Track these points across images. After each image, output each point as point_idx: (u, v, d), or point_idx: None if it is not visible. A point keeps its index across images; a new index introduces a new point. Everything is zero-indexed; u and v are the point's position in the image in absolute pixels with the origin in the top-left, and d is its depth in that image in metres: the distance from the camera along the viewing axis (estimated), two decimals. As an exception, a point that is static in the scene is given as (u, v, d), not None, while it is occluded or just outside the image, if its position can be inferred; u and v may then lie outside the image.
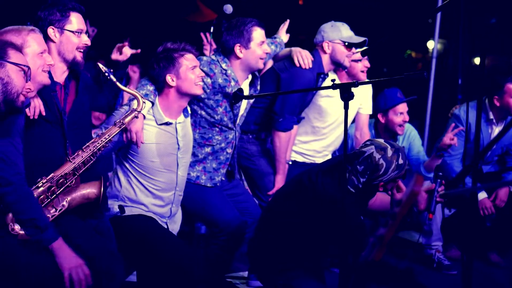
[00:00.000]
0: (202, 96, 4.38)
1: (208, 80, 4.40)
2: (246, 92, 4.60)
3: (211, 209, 4.44)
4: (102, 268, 3.45)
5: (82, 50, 3.70)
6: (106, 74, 3.73)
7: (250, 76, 4.65)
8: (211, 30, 5.56)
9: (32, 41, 3.39)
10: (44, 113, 3.50)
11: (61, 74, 3.70)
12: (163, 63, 4.07)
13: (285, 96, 4.76)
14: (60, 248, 3.27)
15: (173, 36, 4.34)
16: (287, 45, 5.07)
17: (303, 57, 4.79)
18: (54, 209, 3.45)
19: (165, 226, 4.20)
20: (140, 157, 4.07)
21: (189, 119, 4.32)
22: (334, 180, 3.64)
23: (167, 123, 4.12)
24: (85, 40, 3.71)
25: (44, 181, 3.44)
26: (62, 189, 3.49)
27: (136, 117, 3.81)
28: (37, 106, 3.46)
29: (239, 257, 4.94)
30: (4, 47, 3.07)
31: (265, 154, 4.93)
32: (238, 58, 4.50)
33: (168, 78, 4.06)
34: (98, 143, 3.63)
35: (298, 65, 4.79)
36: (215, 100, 4.45)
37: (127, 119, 3.76)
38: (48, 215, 3.40)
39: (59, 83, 3.67)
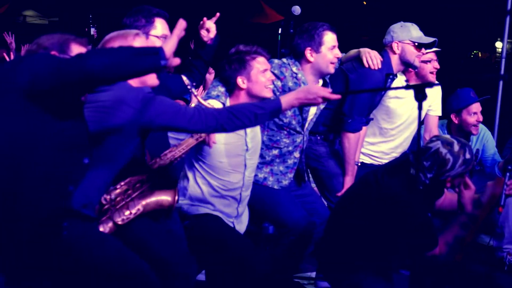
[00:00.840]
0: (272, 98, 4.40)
1: (278, 83, 4.42)
2: None
3: (280, 209, 4.46)
4: (179, 271, 3.50)
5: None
6: (189, 87, 3.76)
7: (320, 81, 4.64)
8: (279, 32, 5.58)
9: (138, 45, 3.39)
10: None
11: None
12: (234, 65, 4.12)
13: (354, 97, 4.75)
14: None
15: (238, 39, 4.38)
16: (352, 46, 5.05)
17: (372, 58, 4.77)
18: (129, 212, 3.48)
19: (232, 226, 4.25)
20: (209, 157, 4.12)
21: None
22: (400, 178, 3.62)
23: None
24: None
25: (122, 183, 3.49)
26: (137, 192, 3.54)
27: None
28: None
29: (306, 257, 4.95)
30: (68, 42, 3.07)
31: (333, 155, 4.92)
32: (308, 62, 4.49)
33: (239, 80, 4.10)
34: (176, 152, 3.68)
35: (367, 65, 4.76)
36: None
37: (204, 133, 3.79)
38: (122, 217, 3.45)
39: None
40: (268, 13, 12.55)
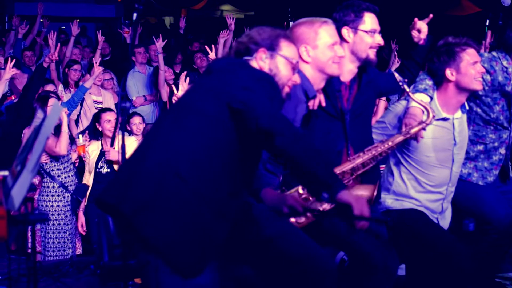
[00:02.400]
0: (480, 93, 4.30)
1: (488, 77, 4.31)
2: None
3: (484, 206, 4.35)
4: (378, 263, 3.50)
5: (375, 49, 3.74)
6: (401, 83, 3.74)
7: None
8: (487, 23, 5.42)
9: (324, 33, 3.46)
10: (324, 104, 3.61)
11: (349, 74, 3.76)
12: (443, 57, 4.06)
13: None
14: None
15: (437, 32, 4.29)
16: None
17: None
18: (326, 204, 3.48)
19: (435, 221, 4.19)
20: (416, 152, 4.09)
21: (465, 115, 4.26)
22: None
23: (444, 119, 4.09)
24: (378, 39, 3.74)
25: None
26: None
27: (424, 129, 3.79)
28: (318, 99, 3.57)
29: (508, 257, 4.80)
30: (278, 38, 3.08)
31: None
32: None
33: (448, 72, 4.04)
34: (380, 148, 3.66)
35: None
36: (492, 98, 4.36)
37: (413, 130, 3.75)
38: (319, 208, 3.46)
39: (344, 83, 3.74)
40: (465, 5, 12.17)
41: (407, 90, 3.77)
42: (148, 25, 15.49)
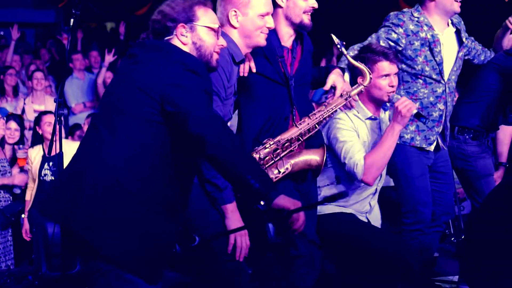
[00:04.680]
0: (399, 48, 4.33)
1: (399, 30, 4.33)
2: (449, 40, 4.48)
3: (409, 187, 4.37)
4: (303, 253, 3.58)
5: (309, 13, 3.69)
6: (339, 46, 3.75)
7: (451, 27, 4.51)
8: None
9: (256, 1, 3.41)
10: (254, 70, 3.57)
11: (288, 38, 3.73)
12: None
13: None
14: (233, 212, 3.31)
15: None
16: None
17: None
18: (277, 171, 3.53)
19: (366, 221, 4.18)
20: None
21: (388, 112, 4.26)
22: None
23: (372, 118, 4.12)
24: (312, 2, 3.69)
25: (271, 142, 3.53)
26: (286, 152, 3.57)
27: (362, 91, 3.82)
28: (247, 64, 3.53)
29: (448, 260, 4.86)
30: (192, 8, 2.94)
31: (483, 156, 4.79)
32: (432, 0, 4.38)
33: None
34: (325, 112, 3.68)
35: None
36: (412, 50, 4.37)
37: (353, 92, 3.78)
38: (271, 176, 3.49)
39: (286, 47, 3.72)
40: None
41: (345, 52, 3.78)
42: (89, 30, 15.32)
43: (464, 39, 4.53)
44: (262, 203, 2.76)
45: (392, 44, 4.29)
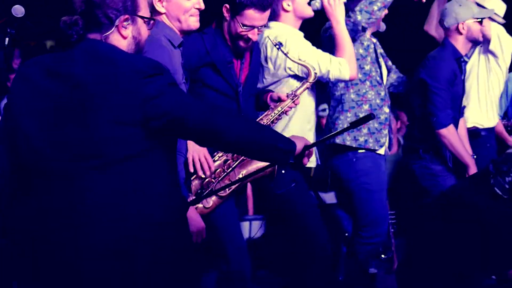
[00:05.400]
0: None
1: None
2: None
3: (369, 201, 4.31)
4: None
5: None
6: (277, 46, 3.65)
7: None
8: None
9: None
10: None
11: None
12: None
13: (431, 95, 4.54)
14: (190, 210, 3.05)
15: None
16: None
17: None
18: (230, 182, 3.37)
19: None
20: None
21: None
22: (478, 187, 3.59)
23: None
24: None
25: (220, 154, 3.43)
26: (237, 162, 3.44)
27: (308, 88, 3.73)
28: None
29: (389, 276, 4.88)
30: None
31: (450, 173, 4.66)
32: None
33: None
34: (272, 115, 3.56)
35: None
36: (363, 48, 4.36)
37: (299, 91, 3.65)
38: (224, 193, 3.40)
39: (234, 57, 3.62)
40: None
41: (284, 52, 3.67)
42: (28, 48, 15.08)
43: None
44: (291, 161, 2.58)
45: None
